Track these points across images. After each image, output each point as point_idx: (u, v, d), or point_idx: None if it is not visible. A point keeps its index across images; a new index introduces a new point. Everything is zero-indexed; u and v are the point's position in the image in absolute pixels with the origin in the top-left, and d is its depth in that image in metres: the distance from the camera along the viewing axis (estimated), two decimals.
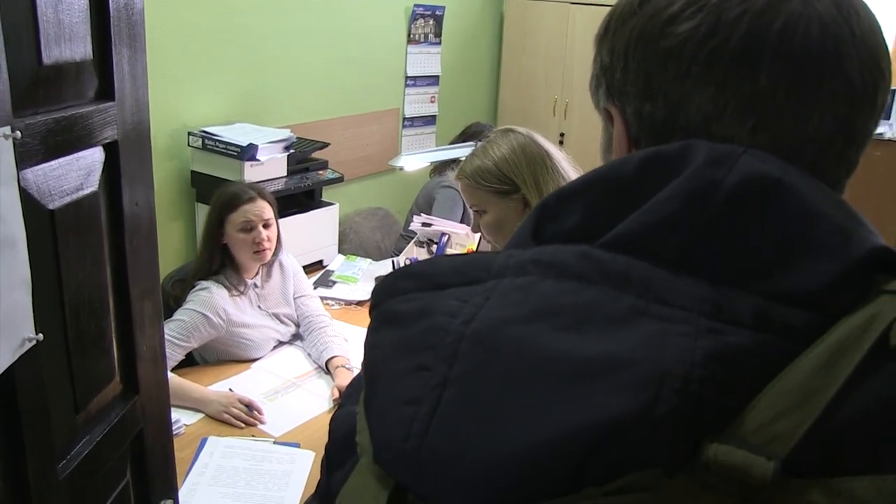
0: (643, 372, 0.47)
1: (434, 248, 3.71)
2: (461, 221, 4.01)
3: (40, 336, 1.05)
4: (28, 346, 1.04)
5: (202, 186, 3.62)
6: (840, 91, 0.59)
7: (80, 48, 1.14)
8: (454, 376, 0.52)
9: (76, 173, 1.16)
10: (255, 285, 2.95)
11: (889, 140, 4.62)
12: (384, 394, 0.56)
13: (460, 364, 0.52)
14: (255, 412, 2.54)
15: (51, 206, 1.09)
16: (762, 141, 0.60)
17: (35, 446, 1.08)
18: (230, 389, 2.67)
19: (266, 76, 4.11)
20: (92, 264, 1.22)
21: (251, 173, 3.47)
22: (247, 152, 3.44)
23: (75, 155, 1.15)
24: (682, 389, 0.47)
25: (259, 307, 2.95)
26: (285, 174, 3.68)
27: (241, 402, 2.55)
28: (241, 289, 2.88)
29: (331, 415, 2.32)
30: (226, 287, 2.84)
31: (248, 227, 2.79)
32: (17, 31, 0.98)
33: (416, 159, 3.55)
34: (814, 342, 0.48)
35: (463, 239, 3.70)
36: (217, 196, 2.88)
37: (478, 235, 3.18)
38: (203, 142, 3.54)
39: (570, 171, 2.09)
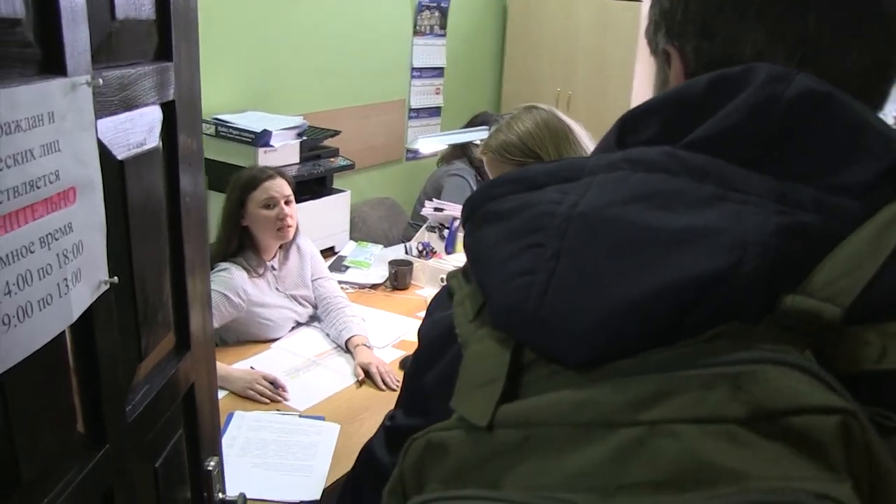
0: (729, 239, 0.55)
1: (445, 232, 3.77)
2: None
3: (115, 279, 1.09)
4: (104, 288, 1.08)
5: (215, 174, 3.65)
6: (877, 28, 0.68)
7: (146, 6, 1.19)
8: (566, 248, 0.60)
9: (140, 128, 1.21)
10: (273, 267, 3.00)
11: None
12: (498, 272, 0.63)
13: (570, 239, 0.60)
14: (280, 388, 2.59)
15: (120, 157, 1.14)
16: (809, 72, 0.66)
17: (109, 387, 1.12)
18: (252, 367, 2.72)
19: (276, 65, 4.16)
20: (153, 217, 1.27)
21: (265, 159, 3.52)
22: (261, 138, 3.49)
23: (140, 111, 1.20)
24: (762, 253, 0.55)
25: (277, 289, 3.01)
26: (298, 161, 3.74)
27: (265, 378, 2.60)
28: (260, 271, 2.94)
29: (354, 390, 2.39)
30: (245, 269, 2.89)
31: (272, 204, 2.86)
32: None
33: (432, 142, 3.62)
34: (861, 224, 0.57)
35: None
36: (236, 178, 2.94)
37: None
38: (216, 129, 3.59)
39: (590, 144, 2.16)
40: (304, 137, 3.76)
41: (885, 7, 0.68)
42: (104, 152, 1.08)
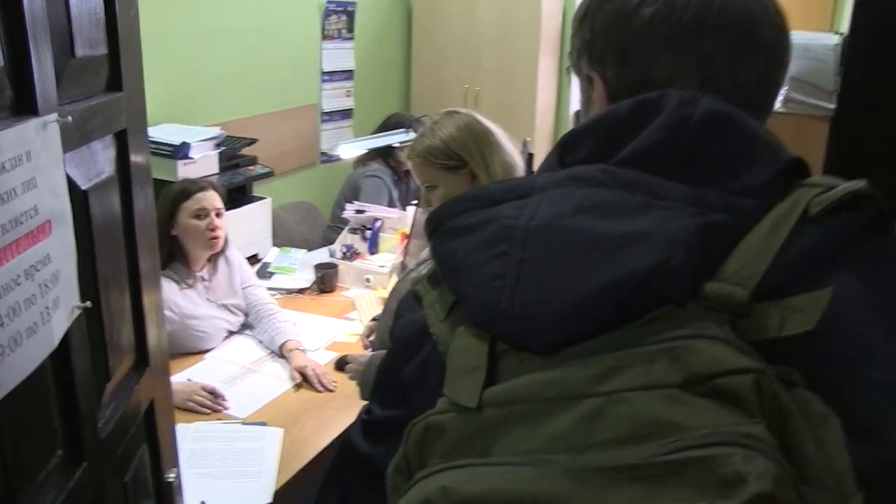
0: (659, 239, 0.69)
1: (367, 233, 3.84)
2: (388, 206, 4.15)
3: (88, 303, 1.15)
4: (77, 313, 1.14)
5: None
6: (759, 53, 0.86)
7: (100, 43, 1.24)
8: (528, 255, 0.73)
9: (99, 158, 1.26)
10: (203, 278, 3.03)
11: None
12: (474, 278, 0.76)
13: (531, 247, 0.73)
14: (219, 398, 2.63)
15: (84, 188, 1.20)
16: (709, 91, 0.82)
17: (85, 407, 1.18)
18: (188, 379, 2.75)
19: (187, 76, 4.16)
20: (114, 242, 1.33)
21: (185, 171, 3.53)
22: (180, 151, 3.50)
23: (98, 141, 1.25)
24: (685, 250, 0.69)
25: (209, 299, 3.03)
26: (217, 171, 3.75)
27: (203, 388, 2.63)
28: (190, 281, 2.97)
29: (293, 394, 2.45)
30: (174, 280, 2.92)
31: (202, 214, 2.90)
32: (57, 29, 1.09)
33: (353, 147, 3.68)
34: (760, 219, 0.72)
35: (395, 223, 3.84)
36: (167, 190, 2.97)
37: (410, 218, 3.32)
38: None
39: (509, 145, 2.27)
40: (223, 147, 3.77)
41: (762, 41, 0.85)
42: (71, 184, 1.14)
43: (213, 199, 2.97)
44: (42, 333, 1.03)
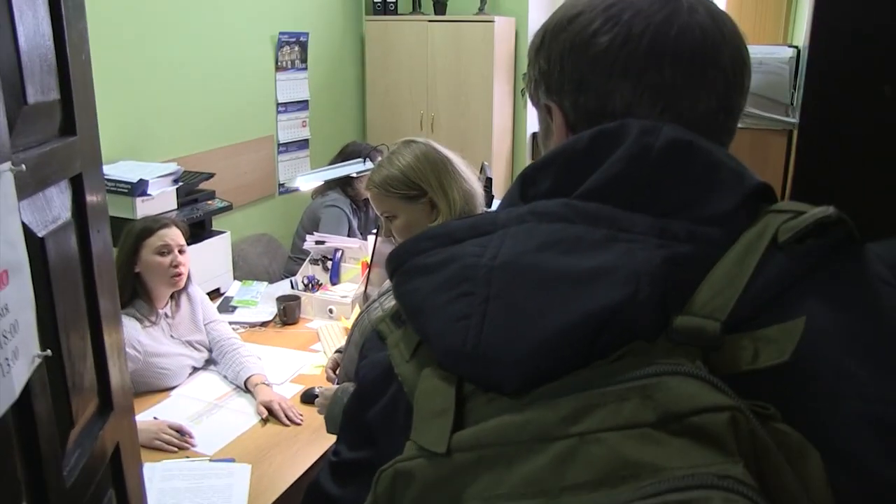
0: (625, 273, 0.68)
1: (329, 263, 3.83)
2: (348, 237, 4.15)
3: (48, 352, 1.14)
4: (37, 362, 1.13)
5: None
6: (719, 77, 0.84)
7: (51, 89, 1.24)
8: (493, 294, 0.71)
9: (55, 204, 1.25)
10: (166, 315, 3.01)
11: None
12: (437, 319, 0.74)
13: (496, 286, 0.71)
14: (186, 435, 2.61)
15: (40, 235, 1.19)
16: (668, 118, 0.82)
17: (49, 457, 1.17)
18: (154, 418, 2.72)
19: (142, 112, 4.14)
20: (73, 289, 1.32)
21: (143, 209, 3.51)
22: (137, 188, 3.48)
23: (53, 187, 1.25)
24: (652, 283, 0.67)
25: (172, 336, 3.01)
26: (176, 207, 3.73)
27: (170, 427, 2.61)
28: (153, 319, 2.94)
29: (260, 428, 2.43)
30: (137, 319, 2.89)
31: (165, 251, 2.89)
32: (8, 76, 1.09)
33: (310, 179, 3.67)
34: (728, 248, 0.70)
35: (356, 252, 3.83)
36: (129, 228, 2.97)
37: (370, 248, 3.32)
38: None
39: (468, 172, 2.28)
40: (180, 183, 3.75)
41: (721, 65, 0.83)
42: (27, 232, 1.13)
43: (175, 235, 2.97)
44: (1, 385, 1.02)
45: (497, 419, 0.68)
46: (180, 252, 2.96)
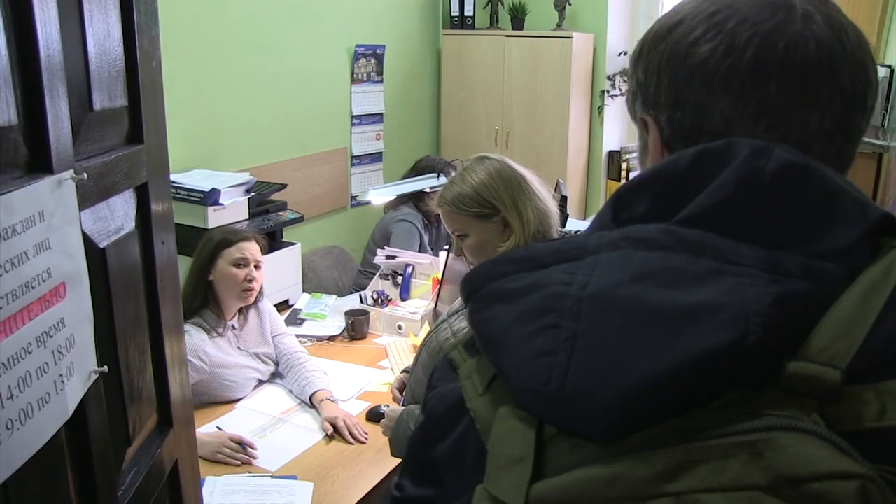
0: (732, 313, 0.59)
1: (399, 279, 3.79)
2: (419, 252, 4.10)
3: (105, 368, 1.10)
4: (94, 378, 1.08)
5: None
6: (835, 95, 0.74)
7: (119, 95, 1.20)
8: (582, 329, 0.63)
9: (118, 214, 1.22)
10: (234, 326, 3.00)
11: None
12: (516, 354, 0.67)
13: (585, 319, 0.64)
14: (248, 447, 2.57)
15: (101, 246, 1.15)
16: (774, 138, 0.73)
17: (103, 476, 1.12)
18: (218, 427, 2.70)
19: (218, 121, 4.16)
20: (134, 300, 1.28)
21: (215, 218, 3.51)
22: (210, 197, 3.48)
23: (117, 197, 1.21)
24: (763, 323, 0.59)
25: (239, 348, 2.99)
26: (247, 217, 3.73)
27: (231, 439, 2.58)
28: (220, 330, 2.93)
29: (324, 445, 2.39)
30: (205, 329, 2.88)
31: (242, 264, 2.88)
32: (75, 82, 1.05)
33: (382, 193, 3.64)
34: (847, 286, 0.62)
35: (427, 269, 3.78)
36: (210, 236, 2.98)
37: (441, 264, 3.26)
38: None
39: (543, 190, 2.20)
40: (252, 193, 3.75)
41: (840, 80, 0.74)
42: (87, 243, 1.09)
43: (254, 250, 2.97)
44: (55, 403, 0.97)
45: (581, 470, 0.60)
46: (256, 267, 2.96)
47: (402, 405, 2.44)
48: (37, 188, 0.93)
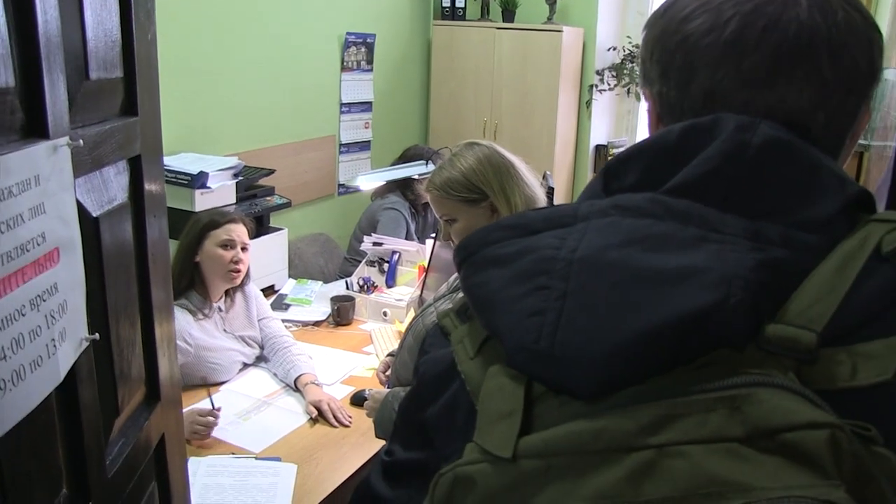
0: (716, 276, 0.63)
1: (385, 266, 3.79)
2: (405, 240, 4.11)
3: (96, 336, 1.10)
4: (85, 345, 1.09)
5: None
6: (813, 75, 0.75)
7: (114, 66, 1.21)
8: (571, 289, 0.66)
9: (112, 184, 1.22)
10: (220, 308, 3.00)
11: None
12: (508, 314, 0.69)
13: (574, 280, 0.66)
14: (214, 413, 2.55)
15: (95, 214, 1.15)
16: (753, 113, 0.75)
17: (91, 444, 1.13)
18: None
19: (207, 106, 4.15)
20: (125, 272, 1.28)
21: (202, 201, 3.50)
22: (198, 180, 3.47)
23: (111, 167, 1.21)
24: (745, 287, 0.62)
25: (225, 330, 2.99)
26: (235, 201, 3.72)
27: (199, 414, 2.55)
28: (206, 312, 2.93)
29: (308, 428, 2.39)
30: (190, 311, 2.88)
31: (229, 245, 2.89)
32: (72, 50, 1.05)
33: (371, 178, 3.65)
34: (826, 256, 0.65)
35: (413, 256, 3.79)
36: (196, 218, 3.00)
37: (428, 251, 3.27)
38: None
39: (531, 177, 2.22)
40: (240, 177, 3.75)
41: (818, 61, 0.75)
42: (81, 210, 1.09)
43: (241, 232, 2.97)
44: (47, 367, 0.98)
45: (569, 425, 0.63)
46: (243, 249, 2.96)
47: (388, 388, 2.46)
48: (33, 152, 0.93)
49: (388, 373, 2.62)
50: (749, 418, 0.57)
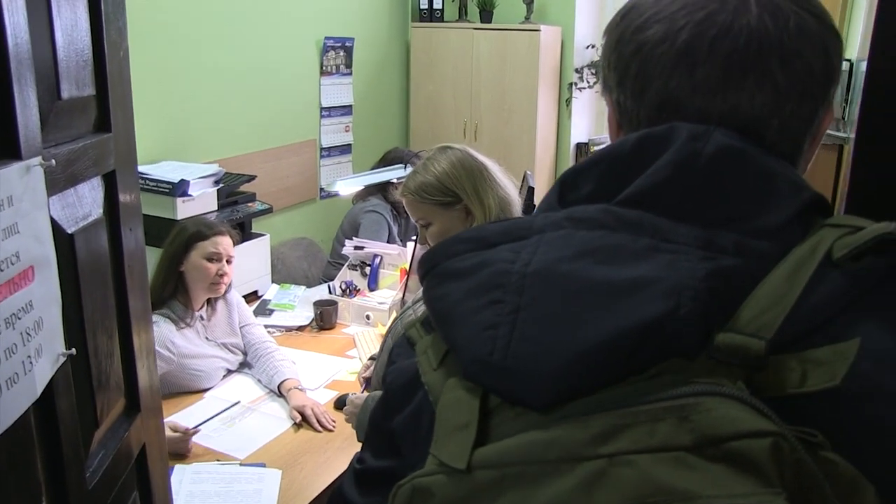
0: (666, 286, 0.64)
1: (367, 269, 3.81)
2: (387, 243, 4.13)
3: (73, 351, 1.12)
4: (62, 360, 1.11)
5: None
6: (765, 82, 0.76)
7: (87, 84, 1.23)
8: (524, 303, 0.67)
9: (86, 200, 1.24)
10: (202, 317, 3.01)
11: None
12: (464, 328, 0.71)
13: (527, 294, 0.68)
14: (188, 432, 2.55)
15: (70, 231, 1.17)
16: (708, 122, 0.75)
17: (71, 456, 1.15)
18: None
19: (187, 113, 4.16)
20: (102, 287, 1.30)
21: (184, 209, 3.52)
22: (178, 188, 3.49)
23: (85, 184, 1.23)
24: (695, 297, 0.63)
25: (207, 338, 3.01)
26: (216, 208, 3.74)
27: (171, 428, 2.53)
28: (188, 320, 2.94)
29: (292, 434, 2.40)
30: (173, 320, 2.89)
31: (215, 258, 2.90)
32: (43, 71, 1.07)
33: (349, 183, 3.66)
34: (778, 262, 0.66)
35: (395, 259, 3.81)
36: (182, 227, 3.00)
37: (410, 254, 3.30)
38: None
39: (505, 179, 2.24)
40: (221, 184, 3.76)
41: (769, 66, 0.75)
42: (56, 228, 1.11)
43: (227, 245, 2.99)
44: (23, 384, 1.00)
45: (522, 436, 0.64)
46: (228, 262, 2.98)
47: (367, 390, 2.48)
48: (5, 174, 0.95)
49: (367, 375, 2.64)
50: (697, 427, 0.58)
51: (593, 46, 5.72)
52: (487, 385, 0.69)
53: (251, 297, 3.82)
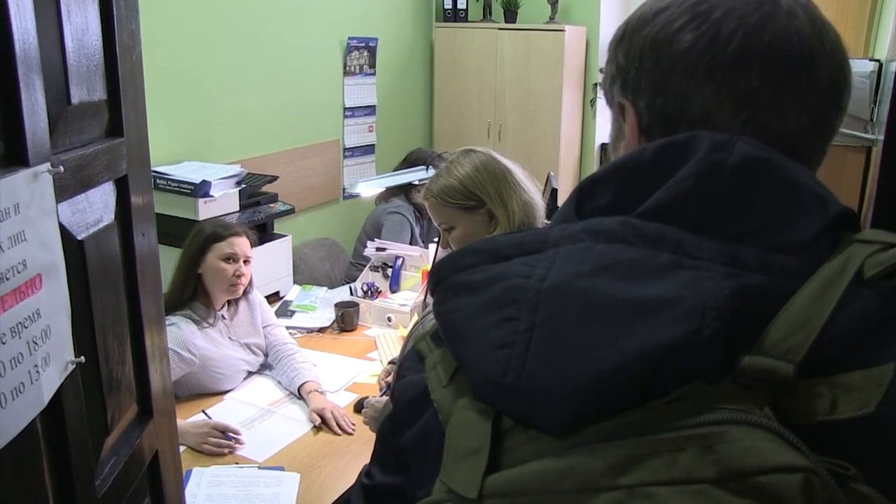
0: (688, 306, 0.60)
1: (389, 271, 3.80)
2: (410, 244, 4.11)
3: (82, 358, 1.11)
4: (70, 368, 1.10)
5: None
6: (813, 91, 0.74)
7: (97, 88, 1.21)
8: (539, 321, 0.64)
9: (97, 206, 1.23)
10: (223, 317, 3.01)
11: None
12: (475, 346, 0.67)
13: (543, 311, 0.64)
14: (234, 435, 2.59)
15: (79, 237, 1.16)
16: (752, 131, 0.74)
17: (80, 465, 1.13)
18: (204, 412, 2.71)
19: (209, 113, 4.16)
20: (113, 292, 1.29)
21: (205, 210, 3.52)
22: (200, 189, 3.49)
23: (95, 189, 1.22)
24: (719, 317, 0.60)
25: (230, 338, 3.01)
26: (238, 209, 3.73)
27: (216, 428, 2.59)
28: (211, 321, 2.94)
29: (312, 437, 2.39)
30: (194, 321, 2.89)
31: (232, 259, 2.90)
32: (52, 77, 1.06)
33: (371, 185, 3.65)
34: (805, 280, 0.62)
35: (417, 261, 3.79)
36: (200, 228, 2.99)
37: (431, 255, 3.28)
38: (155, 181, 3.57)
39: (529, 183, 2.21)
40: (243, 185, 3.76)
41: (819, 76, 0.74)
42: (65, 235, 1.10)
43: (244, 246, 2.98)
44: (30, 392, 0.99)
45: (536, 463, 0.61)
46: (245, 263, 2.97)
47: (385, 395, 2.46)
48: (12, 181, 0.94)
49: (388, 379, 2.62)
50: (721, 458, 0.55)
51: None
52: (500, 407, 0.65)
53: (273, 297, 3.82)
